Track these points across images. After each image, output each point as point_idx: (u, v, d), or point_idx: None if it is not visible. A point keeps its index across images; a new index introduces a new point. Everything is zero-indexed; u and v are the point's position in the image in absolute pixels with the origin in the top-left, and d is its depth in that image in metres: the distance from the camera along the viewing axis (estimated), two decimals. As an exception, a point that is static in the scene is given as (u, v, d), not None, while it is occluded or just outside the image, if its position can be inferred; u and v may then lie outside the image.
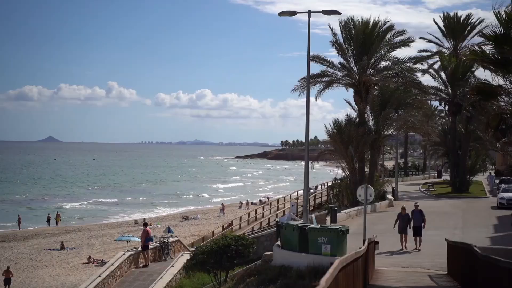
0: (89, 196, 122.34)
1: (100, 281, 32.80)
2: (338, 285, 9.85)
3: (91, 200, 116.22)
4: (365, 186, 29.76)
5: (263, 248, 32.55)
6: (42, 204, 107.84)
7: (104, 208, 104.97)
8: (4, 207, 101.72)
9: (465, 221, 41.69)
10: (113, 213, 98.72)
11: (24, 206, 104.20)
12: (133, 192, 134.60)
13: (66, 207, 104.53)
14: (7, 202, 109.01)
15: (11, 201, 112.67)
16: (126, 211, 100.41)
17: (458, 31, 76.75)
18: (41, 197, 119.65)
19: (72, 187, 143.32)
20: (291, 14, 32.94)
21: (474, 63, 51.05)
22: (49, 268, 52.04)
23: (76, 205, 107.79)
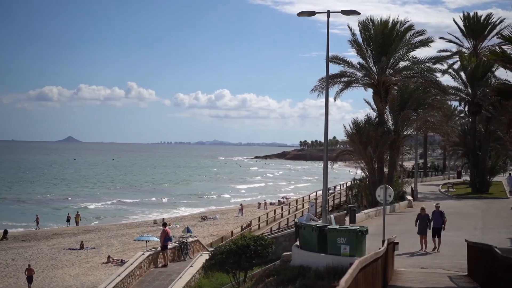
0: (110, 196, 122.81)
1: (120, 280, 32.94)
2: (358, 286, 9.86)
3: (113, 200, 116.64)
4: (384, 186, 29.70)
5: (282, 249, 32.55)
6: (63, 204, 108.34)
7: (124, 208, 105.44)
8: (27, 207, 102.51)
9: (485, 222, 41.50)
10: (133, 213, 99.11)
11: (46, 206, 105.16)
12: (154, 192, 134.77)
13: (88, 207, 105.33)
14: (30, 202, 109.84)
15: (35, 200, 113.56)
16: (145, 211, 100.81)
17: (478, 31, 76.40)
18: (63, 197, 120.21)
19: (93, 187, 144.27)
20: (310, 14, 32.93)
21: (494, 63, 50.92)
22: (69, 268, 52.31)
23: (97, 205, 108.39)
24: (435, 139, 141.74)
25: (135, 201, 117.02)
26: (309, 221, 32.85)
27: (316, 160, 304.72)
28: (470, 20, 77.32)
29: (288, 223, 54.09)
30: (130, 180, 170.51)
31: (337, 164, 73.14)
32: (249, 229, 54.71)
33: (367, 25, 53.30)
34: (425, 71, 54.60)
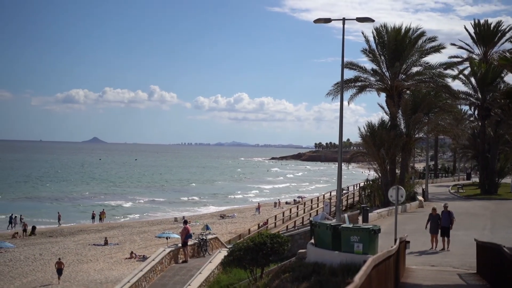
0: (137, 195, 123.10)
1: (142, 275, 33.03)
2: (371, 282, 9.82)
3: (142, 199, 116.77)
4: (396, 187, 29.60)
5: (297, 246, 32.54)
6: (90, 201, 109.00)
7: (149, 206, 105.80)
8: (55, 204, 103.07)
9: (494, 222, 41.28)
10: (155, 211, 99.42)
11: (74, 203, 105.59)
12: (181, 191, 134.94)
13: (114, 204, 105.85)
14: (61, 200, 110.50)
15: (68, 198, 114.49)
16: (166, 209, 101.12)
17: (488, 37, 76.07)
18: (92, 195, 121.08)
19: (121, 186, 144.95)
20: (326, 21, 32.85)
21: (503, 69, 50.66)
22: (93, 263, 52.50)
23: (121, 203, 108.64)
24: (446, 142, 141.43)
25: (162, 199, 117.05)
26: (324, 220, 32.83)
27: (330, 161, 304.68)
28: (481, 28, 77.02)
29: (304, 222, 54.11)
30: (158, 180, 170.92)
31: (350, 165, 73.01)
32: (266, 227, 54.68)
33: (380, 32, 53.30)
34: (437, 76, 54.57)
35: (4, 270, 49.65)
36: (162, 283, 33.91)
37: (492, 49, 76.06)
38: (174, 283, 33.48)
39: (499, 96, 55.55)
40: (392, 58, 52.57)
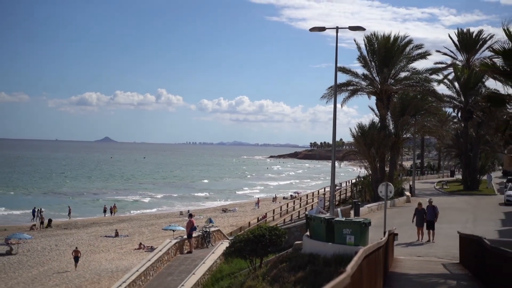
0: (151, 191, 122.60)
1: (150, 265, 33.03)
2: (362, 272, 9.80)
3: (152, 194, 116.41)
4: (386, 183, 29.59)
5: (294, 238, 32.50)
6: (106, 196, 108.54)
7: (167, 201, 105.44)
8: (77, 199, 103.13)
9: (476, 216, 41.26)
10: (166, 205, 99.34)
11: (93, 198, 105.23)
12: (192, 187, 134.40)
13: (127, 200, 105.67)
14: (80, 195, 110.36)
15: (87, 194, 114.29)
16: (171, 204, 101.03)
17: (471, 45, 76.00)
18: (106, 191, 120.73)
19: (133, 182, 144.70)
20: (321, 29, 32.82)
21: (485, 74, 50.68)
22: (105, 253, 52.48)
23: (138, 198, 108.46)
24: (431, 142, 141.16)
25: (175, 195, 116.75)
26: (318, 214, 32.78)
27: (324, 159, 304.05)
28: (463, 36, 76.91)
29: (300, 216, 54.05)
30: (170, 177, 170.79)
31: (343, 163, 72.86)
32: (265, 221, 54.69)
33: (371, 39, 53.29)
34: (423, 81, 54.58)
35: (22, 259, 49.69)
36: (168, 272, 33.90)
37: (474, 56, 75.95)
38: (180, 272, 33.47)
39: (480, 100, 55.32)
40: (381, 64, 52.59)
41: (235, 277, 29.93)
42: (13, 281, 42.14)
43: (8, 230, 64.64)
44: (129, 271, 33.68)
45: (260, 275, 24.98)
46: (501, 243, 19.66)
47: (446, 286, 17.14)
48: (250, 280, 25.03)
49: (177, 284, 30.79)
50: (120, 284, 29.95)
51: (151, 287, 31.49)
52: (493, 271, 15.71)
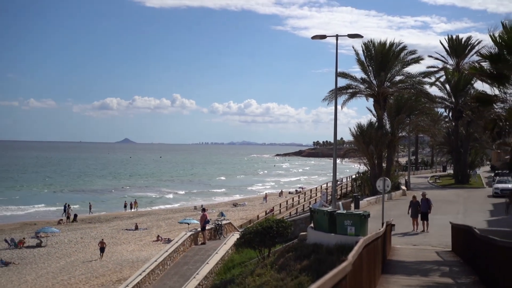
0: (172, 188, 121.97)
1: (167, 255, 33.08)
2: (362, 260, 9.81)
3: (180, 191, 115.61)
4: (383, 178, 29.56)
5: (299, 229, 32.48)
6: (125, 193, 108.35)
7: (187, 197, 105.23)
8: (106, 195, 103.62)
9: (466, 207, 41.20)
10: (184, 200, 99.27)
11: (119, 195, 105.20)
12: (211, 184, 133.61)
13: (145, 195, 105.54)
14: (107, 192, 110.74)
15: (115, 190, 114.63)
16: (193, 199, 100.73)
17: (460, 50, 75.82)
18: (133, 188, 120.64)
19: (157, 180, 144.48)
20: (322, 37, 32.79)
21: (473, 77, 50.54)
22: (126, 245, 52.58)
23: (154, 195, 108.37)
24: (425, 139, 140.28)
25: (196, 191, 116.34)
26: (321, 207, 32.75)
27: (326, 157, 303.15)
28: (453, 42, 76.77)
29: (304, 209, 54.00)
30: (186, 174, 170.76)
31: (344, 160, 72.78)
32: (272, 214, 54.62)
33: (368, 46, 53.23)
34: (416, 83, 54.51)
35: (51, 251, 49.85)
36: (184, 261, 33.95)
37: (463, 60, 75.75)
38: (195, 261, 33.51)
39: (469, 100, 55.24)
40: (378, 68, 52.54)
41: (246, 266, 29.97)
42: (43, 271, 42.32)
43: (37, 224, 64.93)
44: (148, 261, 33.76)
45: (269, 264, 25.00)
46: (490, 232, 19.65)
47: (439, 272, 17.13)
48: (259, 269, 25.05)
49: (192, 273, 30.85)
50: (140, 273, 30.03)
51: (169, 275, 31.55)
52: (483, 257, 15.70)
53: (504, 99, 20.71)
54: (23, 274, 41.49)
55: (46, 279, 39.73)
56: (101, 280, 38.48)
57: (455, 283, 15.17)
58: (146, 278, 29.87)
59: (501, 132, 20.62)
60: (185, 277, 30.56)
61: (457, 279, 15.85)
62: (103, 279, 38.80)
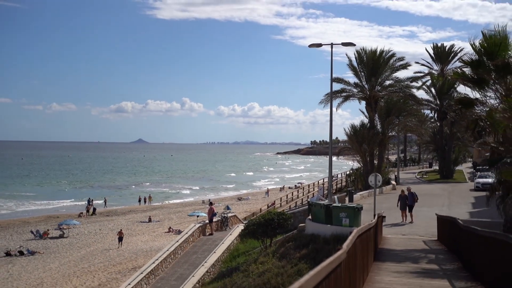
0: (186, 184, 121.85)
1: (178, 245, 33.14)
2: (356, 249, 9.84)
3: (194, 187, 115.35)
4: (375, 174, 29.58)
5: (298, 221, 32.53)
6: (142, 188, 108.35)
7: (198, 192, 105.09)
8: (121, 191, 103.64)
9: (450, 200, 41.15)
10: (187, 195, 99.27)
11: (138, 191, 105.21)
12: (221, 181, 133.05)
13: (160, 191, 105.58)
14: (127, 188, 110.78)
15: (135, 186, 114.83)
16: (201, 194, 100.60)
17: (444, 57, 75.77)
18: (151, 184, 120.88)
19: (172, 177, 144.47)
20: (318, 45, 32.79)
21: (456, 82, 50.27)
22: (140, 236, 52.65)
23: (163, 190, 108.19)
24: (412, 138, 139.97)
25: (207, 186, 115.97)
26: (318, 201, 32.77)
27: (323, 155, 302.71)
28: (438, 49, 76.70)
29: (303, 202, 54.01)
30: (198, 171, 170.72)
31: (339, 158, 72.80)
32: (273, 207, 54.65)
33: (360, 53, 53.15)
34: (405, 87, 54.44)
35: (73, 241, 49.97)
36: (193, 251, 34.00)
37: (447, 66, 75.67)
38: (203, 251, 33.57)
39: (453, 103, 55.18)
40: (370, 74, 52.47)
41: (249, 255, 30.01)
42: (65, 259, 42.41)
43: (60, 217, 65.04)
44: (161, 250, 33.80)
45: (270, 253, 25.04)
46: (472, 223, 19.65)
47: (426, 260, 17.14)
48: (262, 257, 25.09)
49: (201, 261, 30.89)
50: (154, 261, 30.08)
51: (179, 263, 31.60)
52: (465, 245, 15.71)
53: (484, 101, 20.72)
54: (48, 262, 41.60)
55: (68, 267, 39.83)
56: (118, 268, 38.56)
57: (441, 269, 15.19)
58: (159, 266, 29.92)
59: (482, 131, 20.59)
60: (194, 265, 30.62)
61: (442, 266, 15.87)
62: (120, 267, 38.87)
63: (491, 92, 20.60)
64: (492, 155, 19.30)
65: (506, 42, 19.99)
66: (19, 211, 73.32)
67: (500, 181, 17.71)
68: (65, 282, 35.43)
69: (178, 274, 29.43)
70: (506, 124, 16.96)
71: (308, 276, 4.52)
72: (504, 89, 19.62)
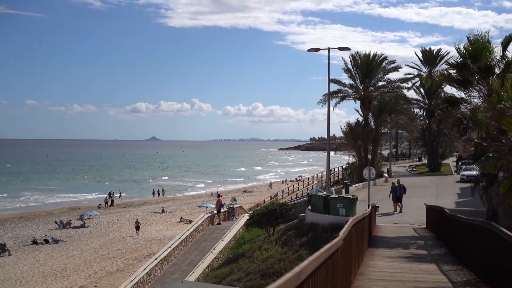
0: (196, 178, 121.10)
1: (189, 234, 33.23)
2: (352, 236, 9.87)
3: (206, 180, 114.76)
4: (369, 168, 29.57)
5: (299, 211, 32.52)
6: (155, 182, 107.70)
7: (212, 185, 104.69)
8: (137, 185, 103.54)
9: (438, 191, 41.11)
10: (197, 188, 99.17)
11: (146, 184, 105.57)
12: (231, 175, 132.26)
13: (175, 184, 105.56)
14: (146, 182, 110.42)
15: (152, 179, 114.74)
16: (214, 186, 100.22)
17: (432, 60, 75.52)
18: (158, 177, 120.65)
19: (187, 171, 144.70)
20: (316, 50, 32.72)
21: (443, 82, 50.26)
22: (154, 225, 52.75)
23: (177, 183, 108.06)
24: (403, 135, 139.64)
25: (220, 180, 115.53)
26: (317, 192, 32.81)
27: (321, 150, 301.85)
28: (426, 53, 76.45)
29: (303, 194, 54.06)
30: (211, 166, 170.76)
31: (336, 153, 72.70)
32: (276, 198, 54.71)
33: (355, 57, 53.11)
34: (396, 88, 54.46)
35: (93, 231, 50.13)
36: (203, 239, 34.08)
37: (434, 68, 75.35)
38: (212, 239, 33.64)
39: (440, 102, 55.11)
40: (364, 76, 52.44)
41: (254, 242, 30.05)
42: (86, 247, 42.57)
43: (81, 208, 65.23)
44: (173, 238, 33.89)
45: (273, 240, 25.08)
46: (458, 212, 19.66)
47: (416, 245, 17.16)
48: (265, 244, 25.13)
49: (210, 248, 30.96)
50: (167, 249, 30.17)
51: (190, 250, 31.68)
52: (451, 232, 15.73)
53: (468, 101, 20.70)
54: (70, 249, 41.77)
55: (89, 253, 39.98)
56: (134, 255, 38.68)
57: (429, 254, 15.21)
58: (172, 253, 30.01)
59: (466, 128, 20.59)
60: (204, 251, 30.69)
61: (430, 251, 15.88)
62: (136, 254, 39.00)
63: (474, 92, 20.60)
64: (476, 150, 19.29)
65: (488, 46, 20.00)
66: (46, 204, 73.53)
67: (484, 174, 17.70)
68: (86, 267, 35.60)
69: (189, 260, 29.52)
70: (489, 122, 16.95)
71: (307, 261, 4.56)
72: (486, 89, 19.61)
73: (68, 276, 33.46)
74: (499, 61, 20.15)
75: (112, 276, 32.64)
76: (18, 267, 36.45)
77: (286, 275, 3.56)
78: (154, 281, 26.47)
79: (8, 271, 35.32)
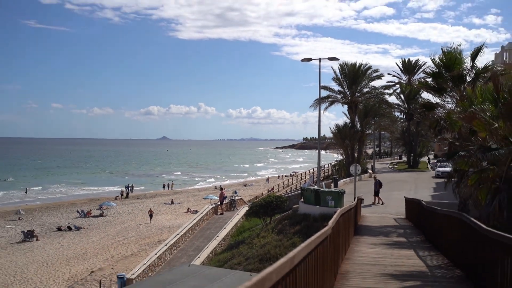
0: (205, 173, 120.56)
1: (195, 222, 33.22)
2: (339, 225, 9.88)
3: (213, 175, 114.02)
4: (355, 164, 29.58)
5: (293, 203, 32.52)
6: (168, 177, 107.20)
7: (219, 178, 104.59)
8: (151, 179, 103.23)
9: (416, 185, 41.10)
10: (206, 182, 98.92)
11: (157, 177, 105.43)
12: (236, 170, 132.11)
13: (187, 179, 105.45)
14: (160, 176, 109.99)
15: (166, 174, 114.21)
16: (224, 179, 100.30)
17: (411, 69, 75.50)
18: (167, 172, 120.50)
19: (194, 167, 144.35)
20: (309, 60, 32.74)
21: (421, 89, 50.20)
22: (164, 215, 52.76)
23: (186, 178, 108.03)
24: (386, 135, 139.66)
25: (225, 175, 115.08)
26: (309, 186, 32.83)
27: (313, 149, 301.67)
28: (406, 63, 76.42)
29: (296, 188, 54.04)
30: (217, 162, 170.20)
31: (326, 151, 72.73)
32: (272, 191, 54.71)
33: (343, 66, 53.13)
34: (379, 94, 54.58)
35: (110, 219, 50.12)
36: (207, 227, 34.08)
37: (413, 76, 75.21)
38: (216, 227, 33.64)
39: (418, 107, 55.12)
40: (351, 83, 52.47)
41: (253, 230, 30.08)
42: (105, 233, 42.58)
43: (100, 200, 65.20)
44: (181, 226, 33.89)
45: (270, 229, 25.11)
46: (433, 204, 19.67)
47: (396, 233, 17.18)
48: (263, 232, 25.16)
49: (213, 235, 30.98)
50: (175, 236, 30.17)
51: (197, 237, 31.69)
52: (428, 222, 15.76)
53: (443, 105, 20.75)
54: (90, 236, 41.77)
55: (107, 239, 39.99)
56: (147, 241, 38.70)
57: (408, 241, 15.23)
58: (180, 239, 30.01)
59: (441, 130, 20.60)
60: (208, 238, 30.70)
61: (409, 238, 15.91)
62: (148, 240, 39.01)
63: (448, 98, 20.64)
64: (449, 149, 19.30)
65: (460, 58, 20.07)
66: (70, 195, 73.53)
67: (456, 170, 17.72)
68: (104, 252, 35.61)
69: (195, 246, 29.53)
70: (461, 124, 17.00)
71: (300, 248, 4.58)
72: (459, 95, 19.65)
73: (89, 259, 33.49)
74: (469, 70, 20.21)
75: (127, 260, 32.66)
76: (44, 251, 36.48)
77: (281, 260, 3.58)
78: (164, 265, 26.48)
79: (36, 254, 35.36)
